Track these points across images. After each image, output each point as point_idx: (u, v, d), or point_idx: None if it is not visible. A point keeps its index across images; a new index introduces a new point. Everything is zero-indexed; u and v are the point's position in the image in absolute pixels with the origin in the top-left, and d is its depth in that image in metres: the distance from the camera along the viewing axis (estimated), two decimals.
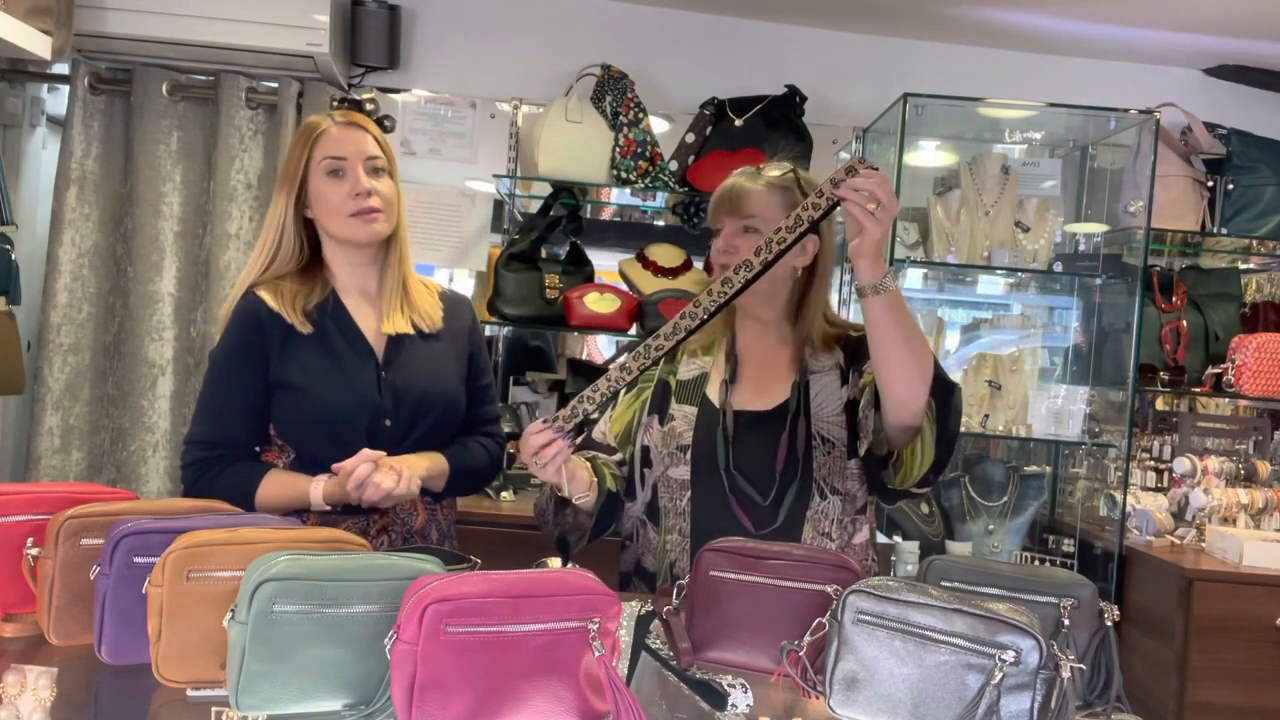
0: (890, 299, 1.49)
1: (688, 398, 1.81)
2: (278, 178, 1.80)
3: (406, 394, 1.77)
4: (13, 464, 3.20)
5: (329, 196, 1.74)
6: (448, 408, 1.83)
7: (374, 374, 1.76)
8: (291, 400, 1.73)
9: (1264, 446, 3.11)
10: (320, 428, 1.73)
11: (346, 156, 1.74)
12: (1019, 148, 3.29)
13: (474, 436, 1.90)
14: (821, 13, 3.26)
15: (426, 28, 3.32)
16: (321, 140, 1.75)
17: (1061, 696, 1.12)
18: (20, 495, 1.40)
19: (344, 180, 1.73)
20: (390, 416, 1.76)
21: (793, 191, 1.74)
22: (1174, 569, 2.70)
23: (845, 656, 1.21)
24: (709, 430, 1.75)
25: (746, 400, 1.77)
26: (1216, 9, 2.90)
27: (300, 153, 1.75)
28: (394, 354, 1.79)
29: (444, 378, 1.83)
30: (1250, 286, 3.54)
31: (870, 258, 1.47)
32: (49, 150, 3.25)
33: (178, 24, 2.94)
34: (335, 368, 1.75)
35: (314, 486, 1.69)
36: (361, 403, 1.74)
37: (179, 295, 3.14)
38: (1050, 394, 3.15)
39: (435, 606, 1.07)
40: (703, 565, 1.41)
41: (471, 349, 1.91)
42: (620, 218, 3.48)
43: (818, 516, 1.72)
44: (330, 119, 1.77)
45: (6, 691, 1.09)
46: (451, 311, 1.89)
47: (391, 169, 1.80)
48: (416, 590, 1.09)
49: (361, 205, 1.73)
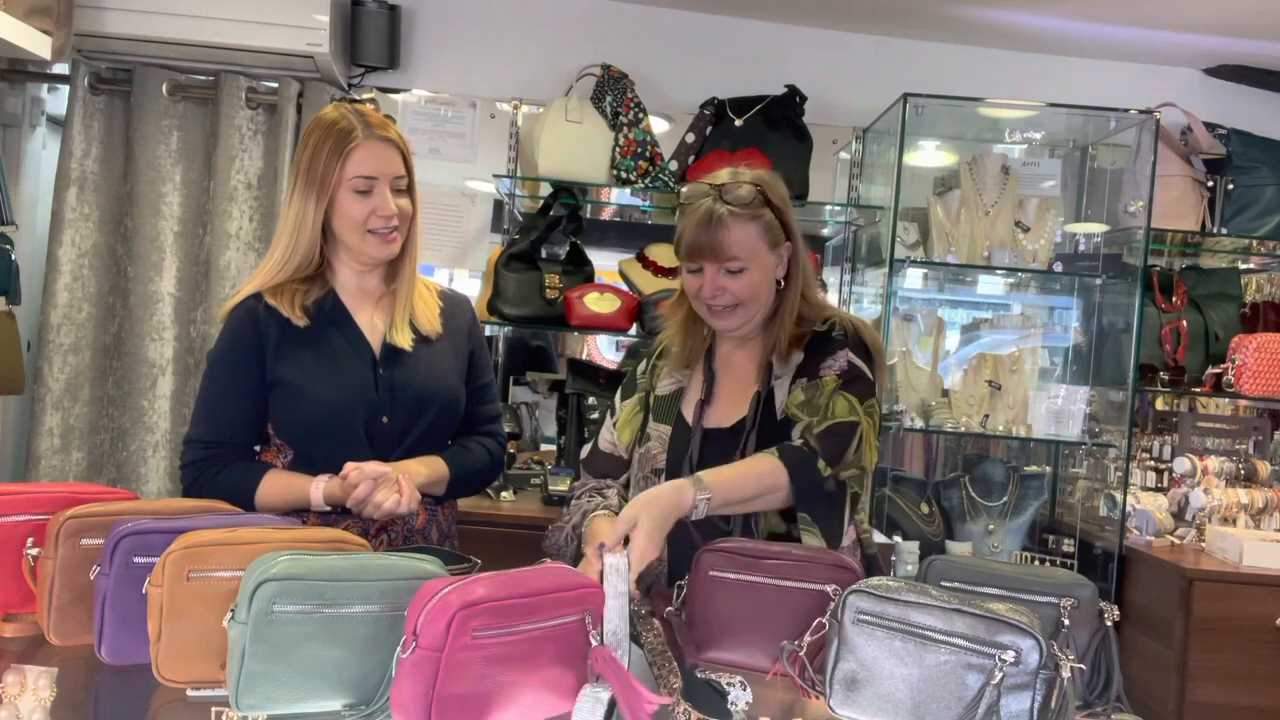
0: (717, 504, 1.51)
1: (663, 416, 1.79)
2: (298, 178, 1.73)
3: (404, 391, 1.76)
4: (13, 464, 3.20)
5: (353, 212, 1.71)
6: (446, 405, 1.81)
7: (371, 371, 1.75)
8: (289, 398, 1.72)
9: (1264, 446, 3.11)
10: (318, 425, 1.73)
11: (378, 177, 1.70)
12: (1019, 148, 3.29)
13: (474, 437, 1.88)
14: (821, 13, 3.26)
15: (426, 28, 3.32)
16: (354, 156, 1.69)
17: (1061, 696, 1.12)
18: (20, 495, 1.40)
19: (370, 199, 1.70)
20: (388, 413, 1.75)
21: (764, 216, 1.67)
22: (1174, 569, 2.70)
23: (845, 656, 1.21)
24: (679, 452, 1.72)
25: (719, 417, 1.74)
26: (1216, 9, 2.90)
27: (331, 163, 1.69)
28: (392, 351, 1.77)
29: (443, 374, 1.81)
30: (1250, 286, 3.54)
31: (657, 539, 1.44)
32: (49, 150, 3.25)
33: (178, 24, 2.94)
34: (332, 365, 1.74)
35: (314, 487, 1.68)
36: (359, 399, 1.73)
37: (179, 295, 3.14)
38: (1050, 394, 3.15)
39: (463, 612, 1.06)
40: (703, 565, 1.42)
41: (472, 347, 1.89)
42: (620, 218, 3.48)
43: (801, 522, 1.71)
44: (361, 125, 1.70)
45: (6, 691, 1.09)
46: (451, 311, 1.88)
47: (412, 185, 1.77)
48: (431, 596, 1.08)
49: (383, 224, 1.71)
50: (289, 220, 1.74)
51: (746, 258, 1.66)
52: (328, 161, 1.69)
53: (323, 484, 1.68)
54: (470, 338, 1.90)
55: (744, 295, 1.67)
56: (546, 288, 2.98)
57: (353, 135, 1.69)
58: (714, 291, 1.67)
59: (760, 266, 1.68)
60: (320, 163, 1.69)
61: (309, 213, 1.72)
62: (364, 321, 1.79)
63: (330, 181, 1.69)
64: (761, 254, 1.67)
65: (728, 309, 1.69)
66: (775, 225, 1.69)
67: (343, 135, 1.69)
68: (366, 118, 1.72)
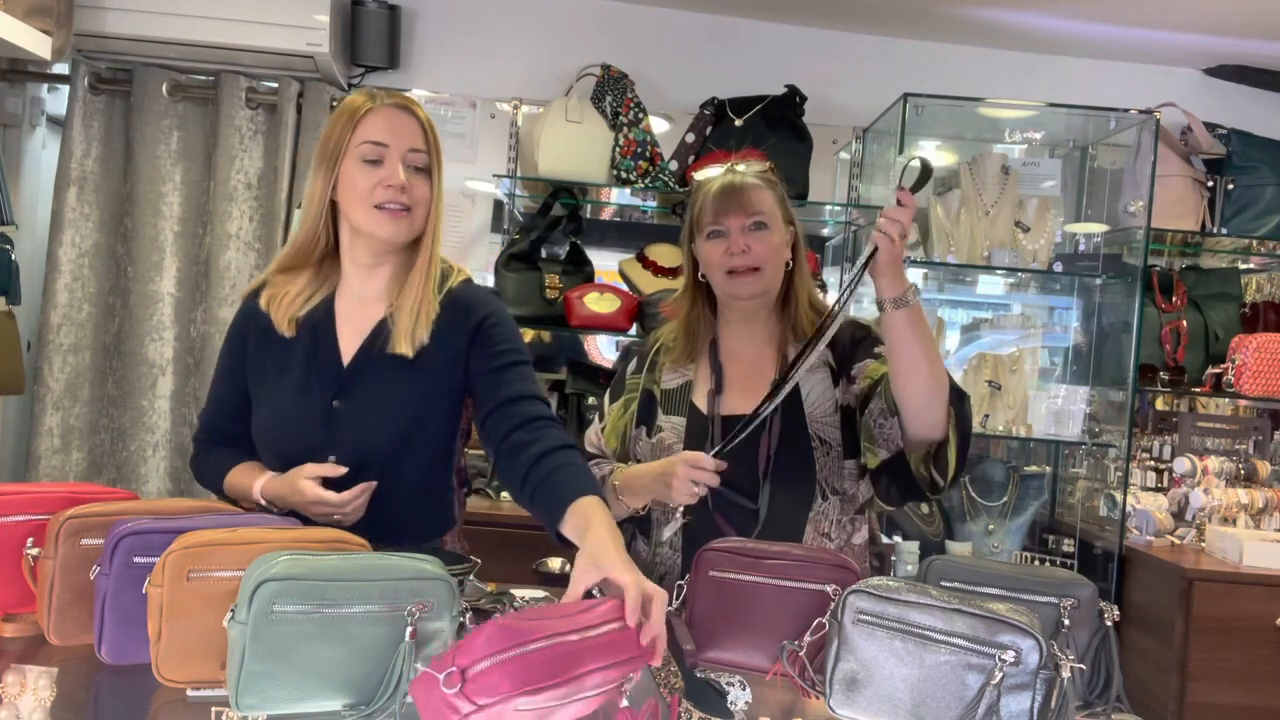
0: (910, 314, 1.50)
1: (674, 408, 1.79)
2: (314, 160, 1.63)
3: (357, 425, 1.61)
4: (13, 464, 3.20)
5: (358, 181, 1.57)
6: (406, 437, 1.62)
7: (325, 402, 1.62)
8: (255, 412, 1.69)
9: (1264, 446, 3.11)
10: (268, 447, 1.66)
11: (388, 143, 1.57)
12: (1019, 148, 3.29)
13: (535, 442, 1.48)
14: (821, 13, 3.26)
15: (426, 28, 3.32)
16: (364, 122, 1.57)
17: (1061, 696, 1.12)
18: (20, 495, 1.40)
19: (379, 168, 1.57)
20: (334, 452, 1.59)
21: (777, 188, 1.77)
22: (1174, 569, 2.70)
23: (845, 656, 1.21)
24: (698, 441, 1.72)
25: (734, 405, 1.75)
26: (1216, 9, 2.90)
27: (340, 133, 1.58)
28: (355, 379, 1.62)
29: (406, 405, 1.62)
30: (1250, 286, 3.54)
31: (887, 275, 1.50)
32: (49, 150, 3.25)
33: (178, 24, 2.94)
34: (289, 392, 1.63)
35: (255, 485, 1.59)
36: (304, 433, 1.61)
37: (179, 295, 3.14)
38: (1050, 394, 3.14)
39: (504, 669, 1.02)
40: (703, 565, 1.42)
41: (475, 341, 1.64)
42: (620, 218, 3.48)
43: (818, 517, 1.71)
44: (377, 99, 1.60)
45: (6, 691, 1.09)
46: (450, 322, 1.64)
47: (435, 167, 1.62)
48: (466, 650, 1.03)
49: (390, 197, 1.57)
50: (305, 200, 1.66)
51: (768, 215, 1.73)
52: (338, 133, 1.59)
53: (263, 481, 1.59)
54: (473, 338, 1.64)
55: (765, 256, 1.71)
56: (546, 288, 2.98)
57: (363, 105, 1.59)
58: (740, 248, 1.70)
59: (778, 232, 1.74)
60: (331, 137, 1.60)
61: (317, 187, 1.61)
62: (349, 333, 1.65)
63: (340, 152, 1.58)
64: (778, 221, 1.75)
65: (750, 271, 1.71)
66: (786, 202, 1.78)
67: (354, 106, 1.60)
68: (388, 93, 1.63)
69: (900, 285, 1.50)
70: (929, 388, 1.53)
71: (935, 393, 1.53)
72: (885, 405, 1.60)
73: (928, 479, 1.61)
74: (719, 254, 1.72)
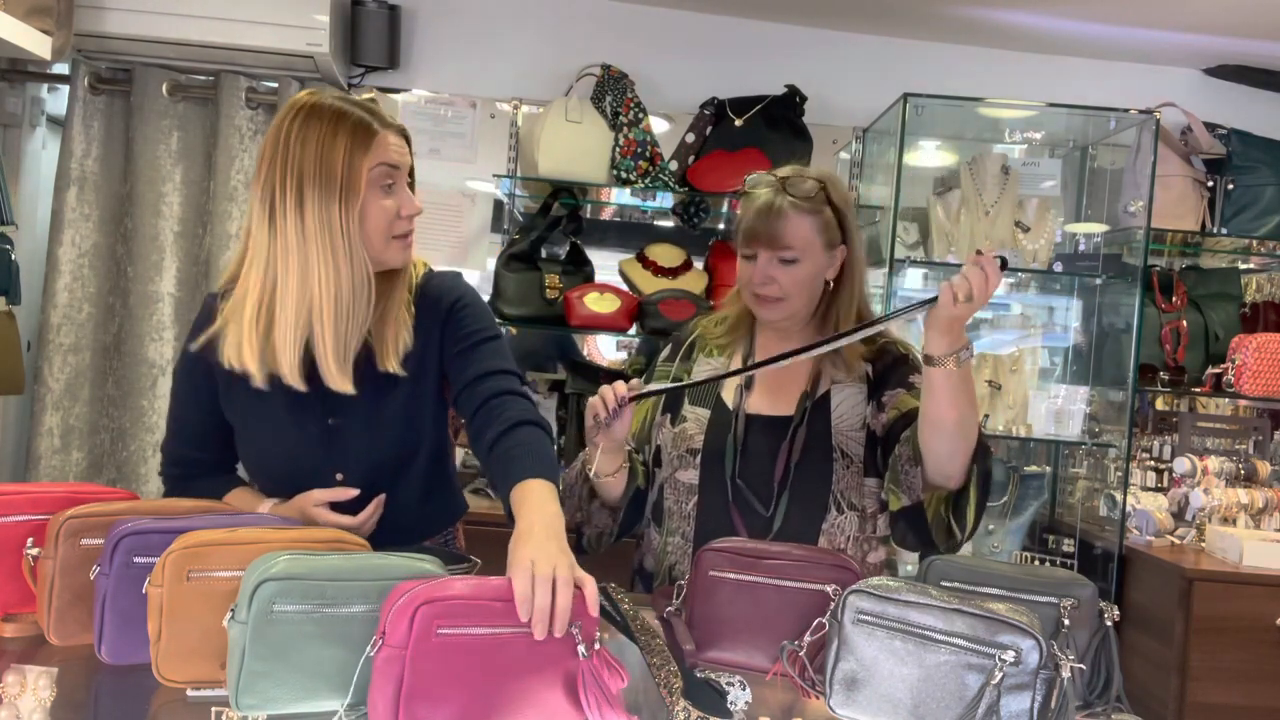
0: (950, 376, 1.46)
1: (701, 399, 1.79)
2: (304, 185, 1.43)
3: (356, 443, 1.57)
4: (13, 464, 3.20)
5: (379, 212, 1.47)
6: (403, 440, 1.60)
7: (321, 421, 1.56)
8: (240, 439, 1.61)
9: (1264, 446, 3.11)
10: (266, 473, 1.62)
11: (400, 167, 1.49)
12: (1019, 148, 3.29)
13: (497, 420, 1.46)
14: (821, 13, 3.26)
15: (426, 28, 3.32)
16: (378, 145, 1.46)
17: (1061, 696, 1.12)
18: (20, 495, 1.40)
19: (392, 196, 1.49)
20: (341, 470, 1.57)
21: (823, 213, 1.69)
22: (1174, 569, 2.70)
23: (845, 656, 1.21)
24: (720, 435, 1.73)
25: (759, 405, 1.75)
26: (1216, 9, 2.90)
27: (353, 158, 1.43)
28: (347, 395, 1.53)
29: (399, 410, 1.58)
30: (1250, 286, 3.54)
31: (939, 330, 1.46)
32: (49, 150, 3.25)
33: (178, 24, 2.94)
34: (279, 413, 1.55)
35: (262, 507, 1.55)
36: (304, 453, 1.57)
37: (179, 295, 3.14)
38: (1050, 394, 3.14)
39: (426, 608, 1.05)
40: (703, 565, 1.41)
41: (446, 326, 1.60)
42: (620, 218, 3.48)
43: (833, 530, 1.69)
44: (371, 117, 1.47)
45: (6, 691, 1.09)
46: (424, 316, 1.60)
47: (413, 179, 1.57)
48: (401, 594, 1.07)
49: (409, 227, 1.51)
50: (311, 238, 1.43)
51: (800, 250, 1.68)
52: (352, 157, 1.44)
53: (266, 509, 1.55)
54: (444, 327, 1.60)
55: (790, 289, 1.69)
56: (546, 288, 2.98)
57: (371, 127, 1.46)
58: (763, 279, 1.69)
59: (812, 262, 1.70)
60: (342, 160, 1.43)
61: (335, 219, 1.42)
62: None
63: (358, 178, 1.44)
64: (815, 250, 1.70)
65: (774, 300, 1.71)
66: (833, 225, 1.71)
67: (360, 125, 1.45)
68: (365, 106, 1.50)
69: (946, 345, 1.45)
70: (953, 446, 1.53)
71: (960, 448, 1.53)
72: (911, 453, 1.59)
73: (945, 523, 1.61)
74: (747, 275, 1.73)
